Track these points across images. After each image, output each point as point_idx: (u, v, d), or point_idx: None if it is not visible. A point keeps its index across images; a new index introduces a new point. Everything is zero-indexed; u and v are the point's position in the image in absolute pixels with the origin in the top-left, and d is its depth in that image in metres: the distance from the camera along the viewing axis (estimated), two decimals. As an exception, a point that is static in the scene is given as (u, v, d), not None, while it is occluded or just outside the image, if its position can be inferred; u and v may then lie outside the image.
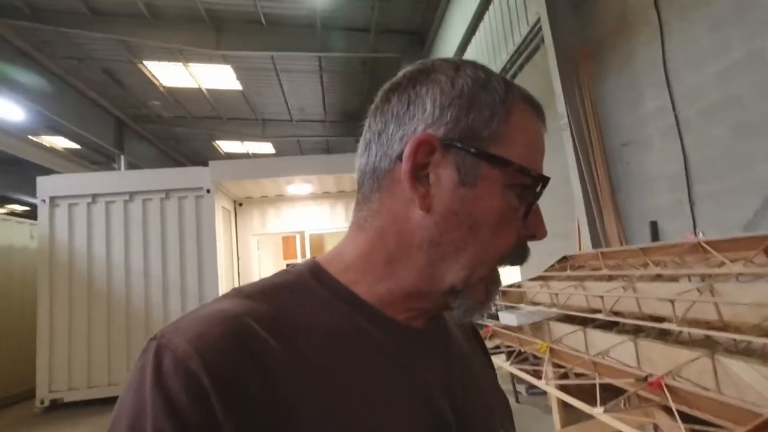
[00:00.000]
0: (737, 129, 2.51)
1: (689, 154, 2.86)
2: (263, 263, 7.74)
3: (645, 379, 1.21)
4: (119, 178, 5.61)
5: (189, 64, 8.56)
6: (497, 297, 3.27)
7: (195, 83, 9.36)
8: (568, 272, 2.28)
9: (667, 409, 1.20)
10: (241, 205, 6.60)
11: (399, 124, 0.43)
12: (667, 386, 1.17)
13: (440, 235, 0.41)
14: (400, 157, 0.42)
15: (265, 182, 5.87)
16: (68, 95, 8.68)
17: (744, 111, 2.45)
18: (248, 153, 13.53)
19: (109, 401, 4.83)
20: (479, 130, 0.41)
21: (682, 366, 1.19)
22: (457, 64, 0.45)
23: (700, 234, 2.82)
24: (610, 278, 1.82)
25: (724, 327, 1.18)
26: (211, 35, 7.53)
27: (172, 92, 9.81)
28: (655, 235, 3.21)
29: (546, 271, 2.57)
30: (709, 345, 1.22)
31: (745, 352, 1.16)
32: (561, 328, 1.87)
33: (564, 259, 2.61)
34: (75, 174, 7.14)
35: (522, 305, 2.33)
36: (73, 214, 5.18)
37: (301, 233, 7.04)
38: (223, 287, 5.46)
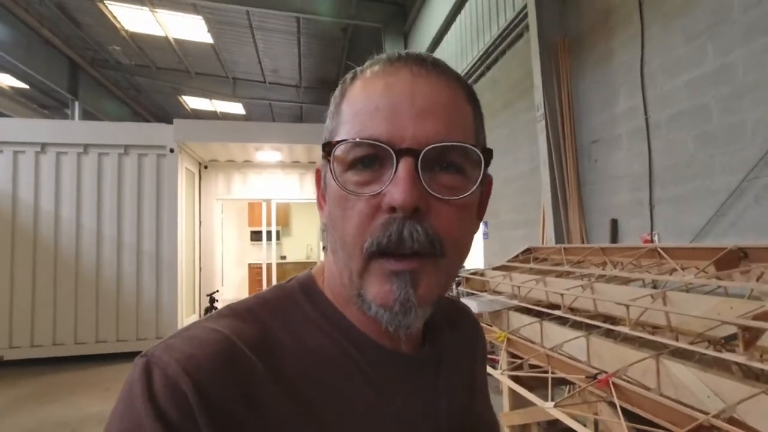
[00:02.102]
0: (701, 139, 2.61)
1: (654, 157, 2.97)
2: (226, 228, 7.55)
3: (595, 376, 1.27)
4: (74, 128, 5.22)
5: (156, 9, 7.94)
6: (454, 287, 3.36)
7: (161, 31, 8.73)
8: (531, 265, 2.36)
9: (613, 405, 1.27)
10: (206, 167, 6.34)
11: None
12: (614, 384, 1.24)
13: (330, 242, 0.42)
14: None
15: (233, 146, 5.64)
16: (14, 27, 7.86)
17: (709, 122, 2.54)
18: (217, 112, 12.93)
19: (53, 361, 4.65)
20: (327, 133, 0.42)
21: (629, 366, 1.25)
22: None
23: (656, 236, 2.97)
24: (570, 275, 1.89)
25: (670, 332, 1.25)
26: (182, -19, 6.98)
27: (135, 38, 9.11)
28: (614, 232, 3.35)
29: (509, 261, 2.64)
30: (655, 347, 1.29)
31: (686, 356, 1.24)
32: (519, 319, 1.93)
33: (528, 250, 2.69)
34: (23, 119, 6.59)
35: (484, 293, 2.39)
36: (19, 162, 4.80)
37: (268, 201, 6.88)
38: (184, 251, 5.29)
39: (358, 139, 0.37)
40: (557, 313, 1.64)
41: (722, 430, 0.93)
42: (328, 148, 0.39)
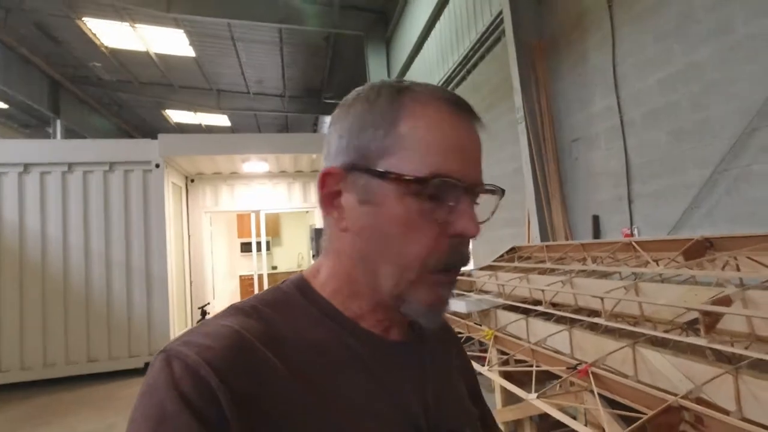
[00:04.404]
0: (674, 135, 2.71)
1: (630, 154, 3.07)
2: (216, 241, 7.52)
3: (575, 367, 1.33)
4: (57, 147, 5.18)
5: (136, 24, 7.93)
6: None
7: (143, 46, 8.71)
8: (515, 263, 2.42)
9: (597, 395, 1.33)
10: (192, 181, 6.32)
11: (324, 162, 0.49)
12: (593, 373, 1.30)
13: (363, 250, 0.46)
14: None
15: (220, 159, 5.65)
16: (-7, 48, 7.78)
17: (680, 119, 2.65)
18: (201, 125, 12.88)
19: (45, 384, 4.59)
20: (368, 150, 0.44)
21: (607, 355, 1.31)
22: (359, 92, 0.48)
23: (636, 230, 3.06)
24: (552, 272, 1.96)
25: (646, 321, 1.32)
26: (162, -5, 6.99)
27: (116, 54, 9.07)
28: (596, 228, 3.44)
29: (495, 260, 2.70)
30: (632, 336, 1.35)
31: (661, 344, 1.30)
32: (506, 317, 1.99)
33: (513, 249, 2.75)
34: (4, 140, 6.51)
35: (471, 293, 2.45)
36: (2, 184, 4.75)
37: (257, 212, 6.88)
38: (173, 265, 5.27)
39: (445, 176, 0.43)
40: (540, 308, 1.70)
41: (690, 410, 0.99)
42: (418, 180, 0.43)
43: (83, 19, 7.67)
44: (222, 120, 12.59)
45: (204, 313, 5.51)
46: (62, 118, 9.83)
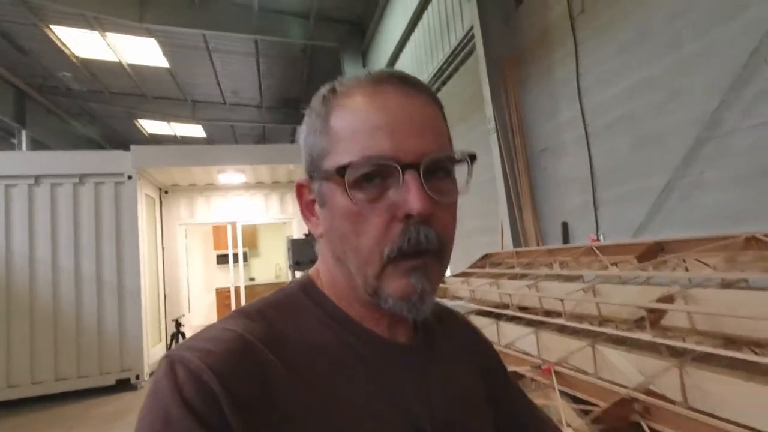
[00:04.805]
0: (635, 143, 2.86)
1: (595, 162, 3.21)
2: (191, 253, 7.38)
3: (539, 366, 1.39)
4: (23, 159, 5.02)
5: (106, 33, 7.79)
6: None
7: (114, 56, 8.56)
8: (487, 269, 2.50)
9: (562, 392, 1.39)
10: (166, 192, 6.22)
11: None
12: (557, 372, 1.36)
13: (334, 252, 0.47)
14: None
15: (195, 170, 5.58)
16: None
17: (639, 128, 2.80)
18: (176, 135, 12.67)
19: (8, 404, 4.38)
20: (314, 155, 0.46)
21: (569, 354, 1.38)
22: (310, 104, 0.49)
23: (601, 235, 3.19)
24: (521, 277, 2.04)
25: (606, 321, 1.40)
26: (134, 5, 6.92)
27: (87, 64, 8.88)
28: (565, 234, 3.57)
29: (469, 267, 2.78)
30: (593, 335, 1.43)
31: (620, 341, 1.38)
32: (478, 321, 2.05)
33: (486, 256, 2.84)
34: (-35, 151, 6.26)
35: (445, 299, 2.50)
36: (-36, 197, 4.58)
37: (233, 224, 6.81)
38: (146, 278, 5.15)
39: (373, 157, 0.41)
40: (509, 312, 1.77)
41: (641, 401, 1.06)
42: (341, 171, 0.42)
43: (50, 26, 7.49)
44: (197, 131, 12.42)
45: (179, 325, 5.39)
46: (28, 129, 9.52)
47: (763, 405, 0.93)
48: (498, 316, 1.99)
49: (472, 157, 0.47)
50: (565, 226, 3.55)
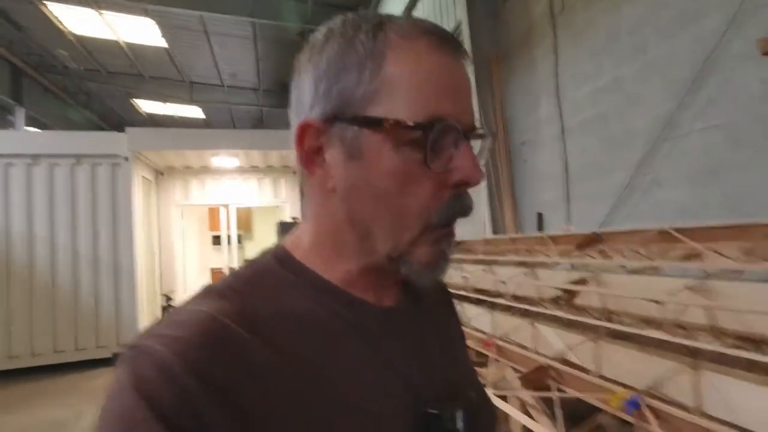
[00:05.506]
0: (603, 141, 3.02)
1: (569, 158, 3.37)
2: (187, 233, 7.56)
3: (483, 340, 1.58)
4: (22, 139, 5.16)
5: (102, 11, 7.79)
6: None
7: (112, 34, 8.55)
8: (460, 255, 2.69)
9: (498, 361, 1.59)
10: (162, 174, 6.36)
11: (296, 114, 0.44)
12: (498, 347, 1.55)
13: (353, 212, 0.41)
14: None
15: (189, 153, 5.72)
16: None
17: (608, 127, 2.96)
18: (174, 116, 12.70)
19: (8, 374, 4.60)
20: (351, 96, 0.39)
21: (509, 330, 1.57)
22: (331, 29, 0.42)
23: (573, 227, 3.38)
24: (483, 262, 2.22)
25: (540, 301, 1.60)
26: (131, -15, 6.92)
27: (83, 41, 8.88)
28: (540, 224, 3.75)
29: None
30: (531, 315, 1.62)
31: (550, 318, 1.57)
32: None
33: (459, 243, 3.02)
34: (-36, 128, 6.36)
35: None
36: (-36, 175, 4.72)
37: (227, 206, 6.97)
38: (142, 257, 5.33)
39: (442, 119, 0.38)
40: (462, 293, 1.96)
41: (556, 369, 1.26)
42: (398, 125, 0.38)
43: (45, 3, 7.49)
44: (196, 112, 12.45)
45: (168, 299, 5.60)
46: (26, 106, 9.57)
47: (646, 371, 1.12)
48: (459, 298, 2.18)
49: (493, 136, 0.53)
50: (540, 216, 3.73)
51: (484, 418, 0.50)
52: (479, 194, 4.27)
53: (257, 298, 0.40)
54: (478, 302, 2.10)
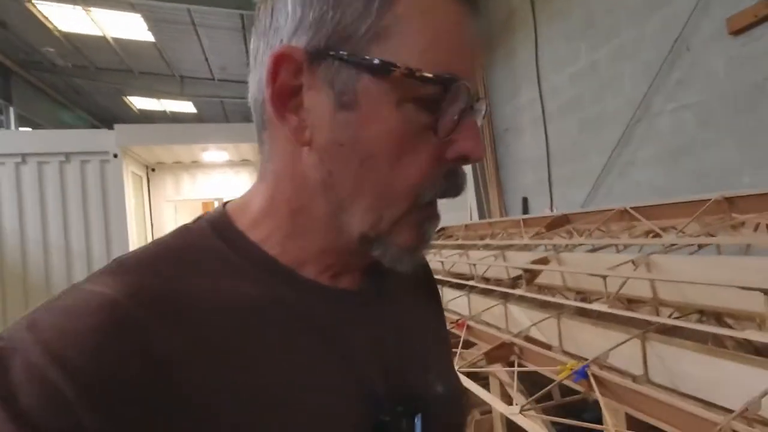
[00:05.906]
0: (581, 125, 3.06)
1: (550, 142, 3.41)
2: (180, 229, 7.60)
3: (456, 321, 1.64)
4: (9, 138, 5.17)
5: (89, 8, 7.74)
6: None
7: (98, 30, 8.50)
8: (441, 241, 2.74)
9: (471, 342, 1.65)
10: (153, 170, 6.38)
11: (266, 41, 0.35)
12: (469, 327, 1.61)
13: (330, 174, 0.34)
14: None
15: (179, 148, 5.73)
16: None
17: (585, 110, 2.99)
18: (166, 111, 12.65)
19: None
20: (352, 29, 0.31)
21: (482, 312, 1.63)
22: None
23: (555, 209, 3.43)
24: (460, 247, 2.28)
25: (513, 283, 1.65)
26: (115, -19, 6.86)
27: (71, 38, 8.82)
28: (525, 208, 3.80)
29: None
30: (503, 296, 1.68)
31: (523, 300, 1.63)
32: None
33: (442, 229, 3.08)
34: (-48, 130, 6.36)
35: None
36: (-47, 176, 4.74)
37: (219, 200, 7.00)
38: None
39: (457, 80, 0.31)
40: (440, 277, 2.02)
41: (520, 346, 1.31)
42: (408, 74, 0.30)
43: (32, 1, 7.43)
44: (187, 107, 12.40)
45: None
46: (15, 105, 9.53)
47: (600, 344, 1.18)
48: (439, 282, 2.24)
49: (486, 111, 0.39)
50: (525, 200, 3.78)
51: (450, 416, 0.43)
52: (467, 182, 4.31)
53: (182, 277, 0.32)
54: (456, 286, 2.16)
